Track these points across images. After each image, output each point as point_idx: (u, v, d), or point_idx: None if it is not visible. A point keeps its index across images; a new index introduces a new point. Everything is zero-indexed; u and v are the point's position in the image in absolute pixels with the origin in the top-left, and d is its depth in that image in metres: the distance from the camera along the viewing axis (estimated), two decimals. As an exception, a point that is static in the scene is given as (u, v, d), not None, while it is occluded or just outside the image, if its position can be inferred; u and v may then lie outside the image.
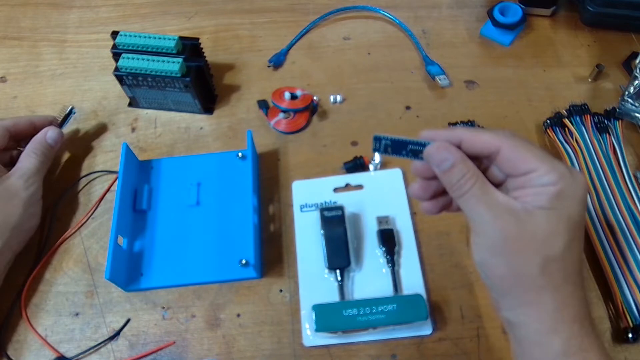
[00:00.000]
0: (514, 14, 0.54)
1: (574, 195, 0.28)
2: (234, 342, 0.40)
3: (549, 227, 0.27)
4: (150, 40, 0.47)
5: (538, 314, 0.28)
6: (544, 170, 0.28)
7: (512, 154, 0.28)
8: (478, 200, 0.28)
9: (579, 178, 0.28)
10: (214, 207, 0.46)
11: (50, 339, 0.41)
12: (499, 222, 0.28)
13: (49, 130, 0.46)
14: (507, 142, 0.29)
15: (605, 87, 0.52)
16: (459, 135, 0.30)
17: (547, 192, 0.27)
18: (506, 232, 0.28)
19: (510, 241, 0.28)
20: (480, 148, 0.29)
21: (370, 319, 0.39)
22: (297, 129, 0.50)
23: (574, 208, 0.28)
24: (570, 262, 0.28)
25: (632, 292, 0.39)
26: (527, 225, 0.27)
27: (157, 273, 0.43)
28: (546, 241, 0.27)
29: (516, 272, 0.28)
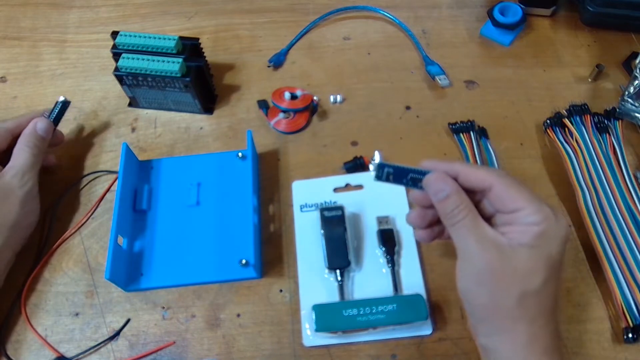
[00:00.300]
0: (514, 14, 0.54)
1: (555, 236, 0.30)
2: (234, 342, 0.40)
3: (530, 263, 0.30)
4: (150, 40, 0.47)
5: (511, 343, 0.30)
6: (531, 210, 0.30)
7: (503, 192, 0.31)
8: (468, 231, 0.31)
9: (561, 221, 0.31)
10: (214, 207, 0.46)
11: (50, 339, 0.41)
12: (485, 254, 0.30)
13: (37, 122, 0.45)
14: (499, 181, 0.31)
15: (605, 87, 0.52)
16: (456, 169, 0.32)
17: (531, 231, 0.30)
18: (490, 264, 0.30)
19: (493, 273, 0.30)
20: (475, 183, 0.32)
21: (370, 319, 0.39)
22: (297, 129, 0.50)
23: (555, 248, 0.30)
24: (546, 297, 0.30)
25: (632, 292, 0.39)
26: (510, 260, 0.30)
27: (157, 273, 0.43)
28: (526, 276, 0.30)
29: (495, 302, 0.30)
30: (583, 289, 0.41)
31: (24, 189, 0.42)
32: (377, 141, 0.49)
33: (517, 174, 0.47)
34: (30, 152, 0.43)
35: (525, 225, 0.30)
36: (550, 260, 0.30)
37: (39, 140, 0.44)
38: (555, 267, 0.30)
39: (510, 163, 0.47)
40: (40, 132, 0.45)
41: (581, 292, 0.41)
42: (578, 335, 0.40)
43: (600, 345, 0.39)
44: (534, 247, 0.30)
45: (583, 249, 0.43)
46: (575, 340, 0.39)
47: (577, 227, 0.44)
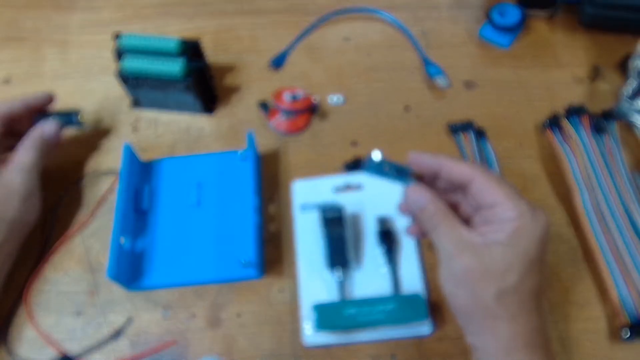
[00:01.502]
0: (513, 15, 0.55)
1: (531, 233, 0.30)
2: (234, 342, 0.41)
3: (504, 261, 0.30)
4: (152, 42, 0.47)
5: (494, 340, 0.31)
6: (507, 206, 0.30)
7: (482, 186, 0.31)
8: (444, 235, 0.32)
9: (539, 218, 0.31)
10: (215, 207, 0.46)
11: (52, 338, 0.41)
12: (461, 255, 0.31)
13: (45, 127, 0.45)
14: (480, 175, 0.32)
15: (603, 88, 0.52)
16: (439, 162, 0.33)
17: (506, 228, 0.30)
18: (466, 265, 0.31)
19: (470, 273, 0.31)
20: (456, 176, 0.32)
21: (370, 319, 0.39)
22: (297, 129, 0.50)
23: (530, 246, 0.30)
24: (525, 295, 0.30)
25: (629, 291, 0.39)
26: (485, 259, 0.30)
27: (159, 272, 0.43)
28: (501, 274, 0.30)
29: (475, 301, 0.31)
30: (580, 288, 0.42)
31: (25, 186, 0.42)
32: (377, 141, 0.50)
33: (516, 174, 0.47)
34: (35, 153, 0.44)
35: (501, 223, 0.31)
36: (526, 257, 0.30)
37: (44, 144, 0.45)
38: (533, 264, 0.30)
39: (509, 163, 0.48)
40: (47, 135, 0.45)
41: (578, 291, 0.42)
42: (575, 333, 0.40)
43: (597, 344, 0.39)
44: (508, 244, 0.30)
45: (581, 249, 0.43)
46: (572, 338, 0.40)
47: (574, 226, 0.44)
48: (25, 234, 0.44)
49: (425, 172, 0.34)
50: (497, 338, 0.31)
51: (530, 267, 0.30)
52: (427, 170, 0.34)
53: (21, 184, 0.42)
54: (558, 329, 0.40)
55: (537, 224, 0.30)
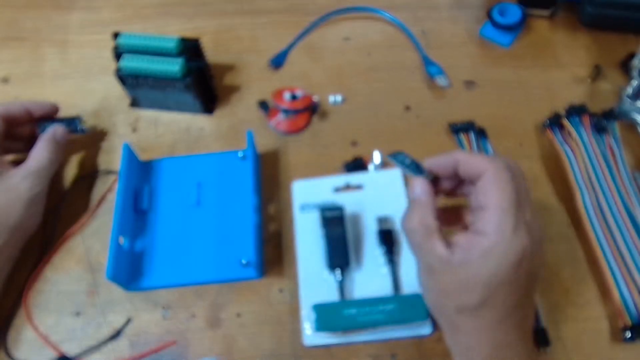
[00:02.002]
0: (513, 14, 0.55)
1: (502, 257, 0.29)
2: (234, 342, 0.41)
3: (467, 281, 0.30)
4: (151, 41, 0.47)
5: (456, 349, 0.33)
6: (492, 217, 0.29)
7: (485, 184, 0.30)
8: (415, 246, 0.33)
9: (516, 244, 0.29)
10: (215, 207, 0.46)
11: (51, 339, 0.41)
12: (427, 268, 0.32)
13: (56, 129, 0.46)
14: (490, 171, 0.30)
15: (604, 87, 0.52)
16: (456, 157, 0.32)
17: (479, 245, 0.29)
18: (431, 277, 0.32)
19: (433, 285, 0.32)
20: (471, 171, 0.32)
21: (370, 319, 0.39)
22: (297, 129, 0.50)
23: (499, 269, 0.29)
24: (485, 315, 0.30)
25: (630, 292, 0.39)
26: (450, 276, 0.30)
27: (158, 273, 0.43)
28: (462, 293, 0.30)
29: (440, 312, 0.33)
30: (581, 289, 0.42)
31: (31, 192, 0.42)
32: (377, 141, 0.50)
33: (517, 174, 0.47)
34: (49, 158, 0.44)
35: (477, 233, 0.30)
36: (493, 281, 0.29)
37: (58, 147, 0.45)
38: (501, 288, 0.29)
39: (510, 163, 0.48)
40: (60, 139, 0.45)
41: (579, 291, 0.41)
42: (576, 334, 0.40)
43: (598, 345, 0.39)
44: (476, 265, 0.29)
45: (582, 249, 0.43)
46: (573, 339, 0.39)
47: (575, 226, 0.44)
48: (27, 238, 0.43)
49: (444, 174, 0.34)
50: (457, 347, 0.33)
51: (498, 291, 0.29)
52: (445, 172, 0.33)
53: (28, 190, 0.42)
54: (559, 329, 0.40)
55: (512, 248, 0.29)
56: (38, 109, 0.47)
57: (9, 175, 0.42)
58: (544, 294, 0.41)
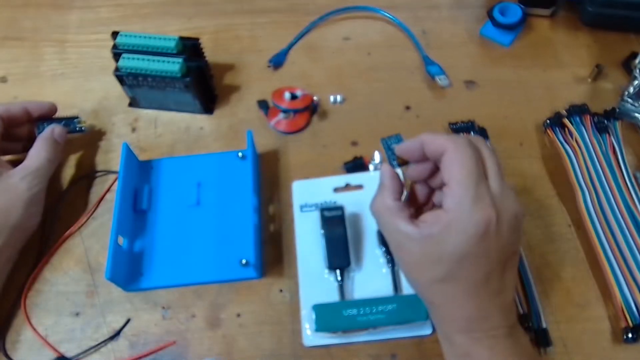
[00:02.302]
0: (513, 14, 0.54)
1: (462, 229, 0.30)
2: (234, 342, 0.40)
3: (432, 254, 0.31)
4: (151, 41, 0.47)
5: (435, 322, 0.35)
6: (452, 191, 0.31)
7: (446, 160, 0.32)
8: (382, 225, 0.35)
9: (475, 216, 0.30)
10: (214, 207, 0.46)
11: (50, 339, 0.41)
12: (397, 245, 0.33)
13: (55, 129, 0.46)
14: (451, 148, 0.31)
15: (605, 87, 0.52)
16: (421, 139, 0.34)
17: (440, 220, 0.31)
18: (400, 253, 0.33)
19: (405, 261, 0.33)
20: (434, 150, 0.33)
21: (371, 319, 0.39)
22: (297, 129, 0.50)
23: (460, 241, 0.30)
24: (455, 287, 0.31)
25: (632, 292, 0.39)
26: (417, 250, 0.32)
27: (158, 273, 0.43)
28: (430, 265, 0.32)
29: (415, 286, 0.34)
30: (582, 289, 0.41)
31: (31, 192, 0.42)
32: (377, 141, 0.49)
33: (517, 174, 0.47)
34: (47, 157, 0.44)
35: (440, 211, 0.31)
36: (455, 252, 0.30)
37: (55, 145, 0.45)
38: (465, 259, 0.30)
39: (510, 163, 0.47)
40: (58, 138, 0.45)
41: (580, 291, 0.41)
42: (577, 334, 0.40)
43: (599, 345, 0.39)
44: (438, 238, 0.31)
45: (582, 249, 0.43)
46: (574, 339, 0.39)
47: (576, 227, 0.44)
48: (26, 238, 0.43)
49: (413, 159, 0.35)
50: (435, 320, 0.35)
51: (463, 263, 0.30)
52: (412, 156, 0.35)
53: (27, 190, 0.42)
54: (560, 329, 0.40)
55: (472, 219, 0.30)
56: (37, 109, 0.47)
57: (8, 175, 0.42)
58: (545, 295, 0.41)
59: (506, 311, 0.33)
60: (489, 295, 0.32)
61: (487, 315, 0.32)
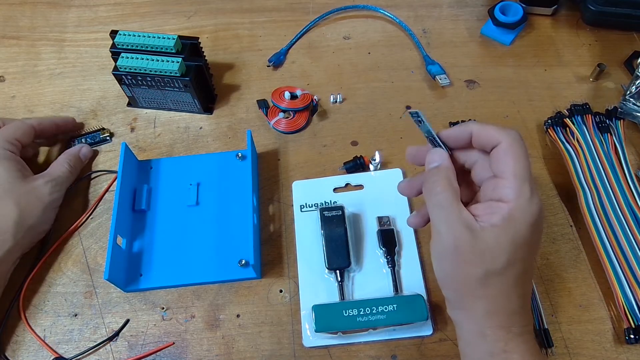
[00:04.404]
0: (514, 13, 0.54)
1: (523, 219, 0.30)
2: (233, 343, 0.40)
3: (495, 244, 0.30)
4: (150, 40, 0.47)
5: (470, 318, 0.32)
6: (509, 183, 0.30)
7: (500, 153, 0.31)
8: (442, 209, 0.32)
9: (535, 206, 0.30)
10: (214, 207, 0.46)
11: (48, 340, 0.41)
12: (453, 233, 0.31)
13: (83, 147, 0.48)
14: (505, 141, 0.31)
15: (607, 86, 0.52)
16: (470, 128, 0.33)
17: (501, 210, 0.30)
18: (457, 243, 0.31)
19: (459, 252, 0.31)
20: (485, 140, 0.32)
21: (371, 320, 0.38)
22: (297, 128, 0.50)
23: (521, 232, 0.30)
24: (509, 278, 0.31)
25: (634, 293, 0.38)
26: (477, 241, 0.30)
27: (157, 273, 0.43)
28: (490, 257, 0.30)
29: (459, 279, 0.32)
30: (584, 290, 0.41)
31: (51, 197, 0.44)
32: (377, 141, 0.49)
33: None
34: (69, 170, 0.46)
35: (496, 200, 0.31)
36: (516, 241, 0.30)
37: (78, 162, 0.48)
38: (522, 248, 0.30)
39: (511, 163, 0.47)
40: (82, 156, 0.48)
41: (582, 292, 0.41)
42: (579, 335, 0.39)
43: (601, 346, 0.39)
44: (501, 227, 0.30)
45: (584, 249, 0.43)
46: (576, 340, 0.39)
47: (578, 227, 0.44)
48: (34, 243, 0.44)
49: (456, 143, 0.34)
50: (472, 316, 0.32)
51: (520, 251, 0.30)
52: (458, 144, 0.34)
53: (48, 195, 0.44)
54: (562, 330, 0.40)
55: (531, 209, 0.30)
56: (64, 123, 0.50)
57: (33, 178, 0.44)
58: (546, 295, 0.41)
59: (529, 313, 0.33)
60: (528, 288, 0.32)
61: (524, 311, 0.32)
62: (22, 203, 0.42)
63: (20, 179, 0.43)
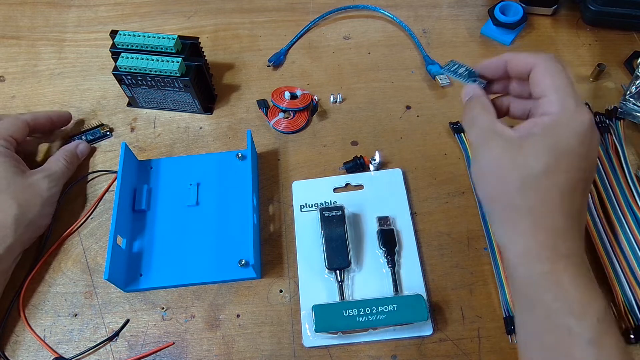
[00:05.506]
0: (514, 13, 0.54)
1: (567, 127, 0.30)
2: (233, 343, 0.40)
3: (532, 150, 0.30)
4: (150, 40, 0.47)
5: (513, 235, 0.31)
6: (552, 98, 0.30)
7: (538, 74, 0.32)
8: (477, 127, 0.33)
9: (581, 116, 0.30)
10: (214, 208, 0.46)
11: (48, 340, 0.41)
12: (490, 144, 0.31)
13: (80, 144, 0.48)
14: (540, 64, 0.32)
15: (607, 86, 0.52)
16: (504, 57, 0.34)
17: (542, 121, 0.30)
18: (494, 154, 0.31)
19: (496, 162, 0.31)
20: (520, 67, 0.33)
21: (371, 320, 0.38)
22: (297, 128, 0.50)
23: (564, 138, 0.30)
24: (549, 188, 0.30)
25: (634, 293, 0.38)
26: (513, 149, 0.30)
27: (157, 273, 0.43)
28: (526, 163, 0.30)
29: (498, 190, 0.31)
30: (584, 290, 0.41)
31: (49, 192, 0.44)
32: (377, 141, 0.49)
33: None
34: (65, 165, 0.46)
35: (540, 116, 0.31)
36: (556, 149, 0.29)
37: (75, 158, 0.47)
38: (564, 156, 0.30)
39: (511, 163, 0.47)
40: (79, 153, 0.48)
41: (582, 292, 0.41)
42: (579, 336, 0.39)
43: (601, 346, 0.39)
44: (541, 135, 0.30)
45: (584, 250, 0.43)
46: (576, 341, 0.39)
47: (578, 227, 0.44)
48: (34, 239, 0.44)
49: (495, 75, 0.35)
50: (516, 232, 0.30)
51: (561, 160, 0.29)
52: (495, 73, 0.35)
53: (47, 190, 0.44)
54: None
55: (577, 120, 0.30)
56: (59, 118, 0.49)
57: (31, 173, 0.44)
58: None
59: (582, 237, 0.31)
60: (577, 207, 0.30)
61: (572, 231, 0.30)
62: (20, 198, 0.42)
63: (17, 174, 0.42)
